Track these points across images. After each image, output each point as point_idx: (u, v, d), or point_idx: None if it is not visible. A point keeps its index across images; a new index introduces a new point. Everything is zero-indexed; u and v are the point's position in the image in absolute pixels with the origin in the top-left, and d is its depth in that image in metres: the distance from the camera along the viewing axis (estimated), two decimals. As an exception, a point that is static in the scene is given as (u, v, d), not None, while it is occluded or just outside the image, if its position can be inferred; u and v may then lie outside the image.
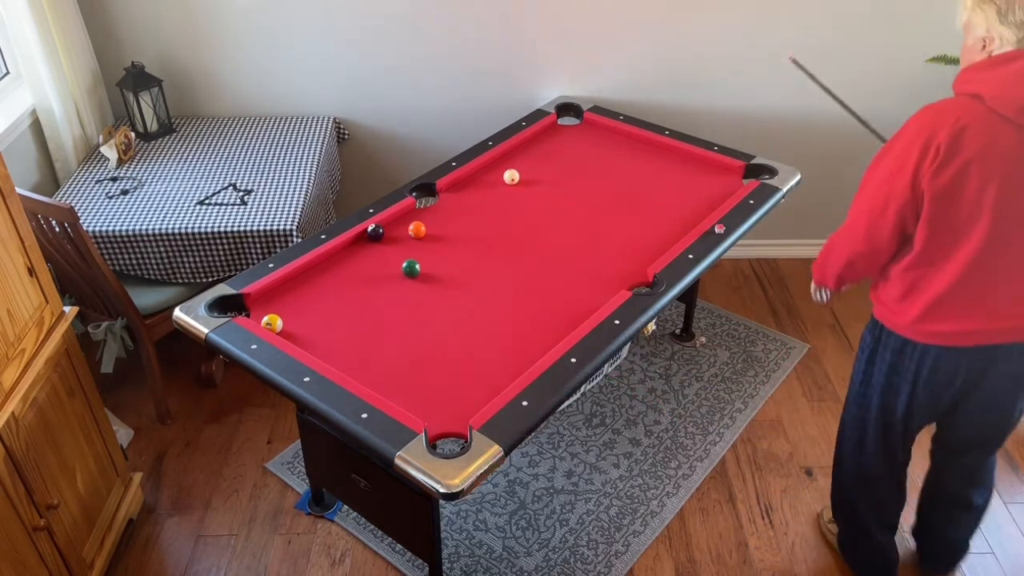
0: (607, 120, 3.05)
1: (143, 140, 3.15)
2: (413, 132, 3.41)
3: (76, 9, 2.97)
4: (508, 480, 2.64)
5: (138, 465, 2.73)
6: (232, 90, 3.29)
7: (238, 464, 2.73)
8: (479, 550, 2.44)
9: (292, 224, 2.67)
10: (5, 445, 1.83)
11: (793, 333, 3.27)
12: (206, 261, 2.71)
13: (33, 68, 2.81)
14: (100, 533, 2.29)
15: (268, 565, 2.41)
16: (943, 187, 1.70)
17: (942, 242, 1.77)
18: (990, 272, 1.77)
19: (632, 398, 2.95)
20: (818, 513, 2.56)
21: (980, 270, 1.77)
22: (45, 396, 2.03)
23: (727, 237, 2.41)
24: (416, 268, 2.29)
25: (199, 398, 2.98)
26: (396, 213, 2.54)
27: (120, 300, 2.56)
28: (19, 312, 1.95)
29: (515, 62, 3.25)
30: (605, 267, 2.33)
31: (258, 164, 3.00)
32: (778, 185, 2.65)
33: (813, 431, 2.84)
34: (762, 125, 3.35)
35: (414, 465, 1.70)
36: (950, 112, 1.69)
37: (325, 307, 2.19)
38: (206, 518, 2.56)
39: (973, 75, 1.71)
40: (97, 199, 2.79)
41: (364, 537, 2.47)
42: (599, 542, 2.46)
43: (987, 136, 1.66)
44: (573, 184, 2.71)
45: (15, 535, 1.86)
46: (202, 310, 2.12)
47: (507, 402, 1.84)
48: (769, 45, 3.16)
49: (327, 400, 1.86)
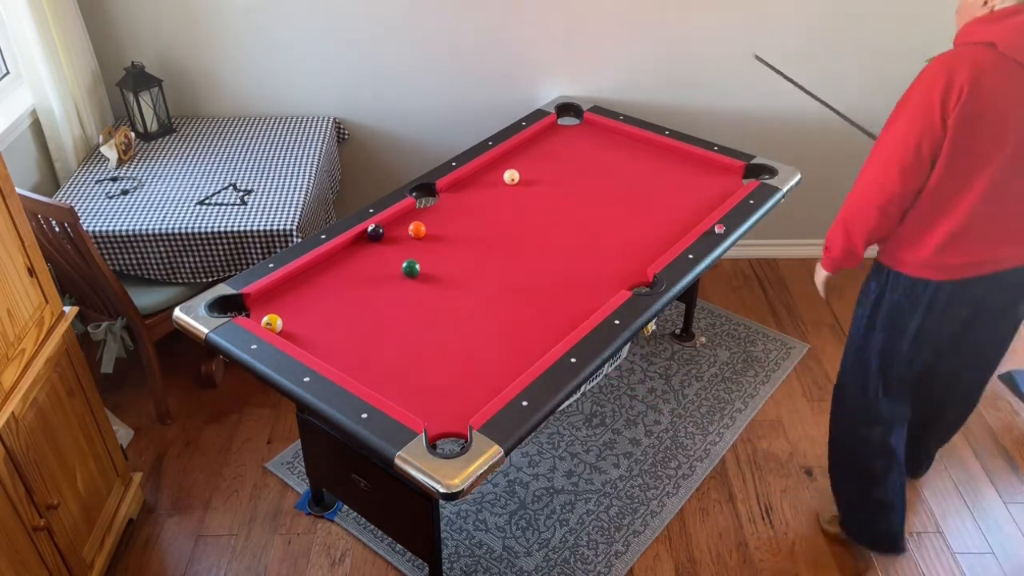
0: (607, 120, 3.05)
1: (143, 140, 3.15)
2: (413, 132, 3.41)
3: (76, 9, 2.97)
4: (508, 480, 2.64)
5: (138, 465, 2.73)
6: (232, 90, 3.29)
7: (238, 464, 2.73)
8: (479, 550, 2.44)
9: (292, 224, 2.67)
10: (5, 445, 1.83)
11: (793, 333, 3.27)
12: (206, 261, 2.71)
13: (33, 68, 2.81)
14: (100, 533, 2.29)
15: (268, 565, 2.41)
16: (965, 124, 1.82)
17: (957, 180, 1.88)
18: (1001, 205, 1.90)
19: (632, 398, 2.95)
20: (817, 513, 2.56)
21: (992, 203, 1.90)
22: (45, 396, 2.03)
23: (727, 237, 2.41)
24: (416, 268, 2.29)
25: (199, 398, 2.98)
26: (396, 213, 2.54)
27: (120, 300, 2.56)
28: (19, 312, 1.95)
29: (515, 62, 3.25)
30: (605, 267, 2.33)
31: (258, 164, 3.00)
32: (778, 185, 2.65)
33: (813, 431, 2.84)
34: (762, 125, 3.35)
35: (414, 465, 1.70)
36: (964, 58, 1.82)
37: (325, 307, 2.19)
38: (206, 518, 2.56)
39: (979, 27, 1.85)
40: (97, 199, 2.79)
41: (364, 537, 2.47)
42: (599, 542, 2.46)
43: (1003, 77, 1.79)
44: (573, 184, 2.71)
45: (15, 535, 1.86)
46: (202, 310, 2.12)
47: (507, 402, 1.84)
48: (769, 45, 3.16)
49: (327, 400, 1.86)
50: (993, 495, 2.62)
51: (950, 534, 2.50)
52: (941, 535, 2.50)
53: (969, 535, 2.50)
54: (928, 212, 1.94)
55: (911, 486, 2.64)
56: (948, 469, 2.71)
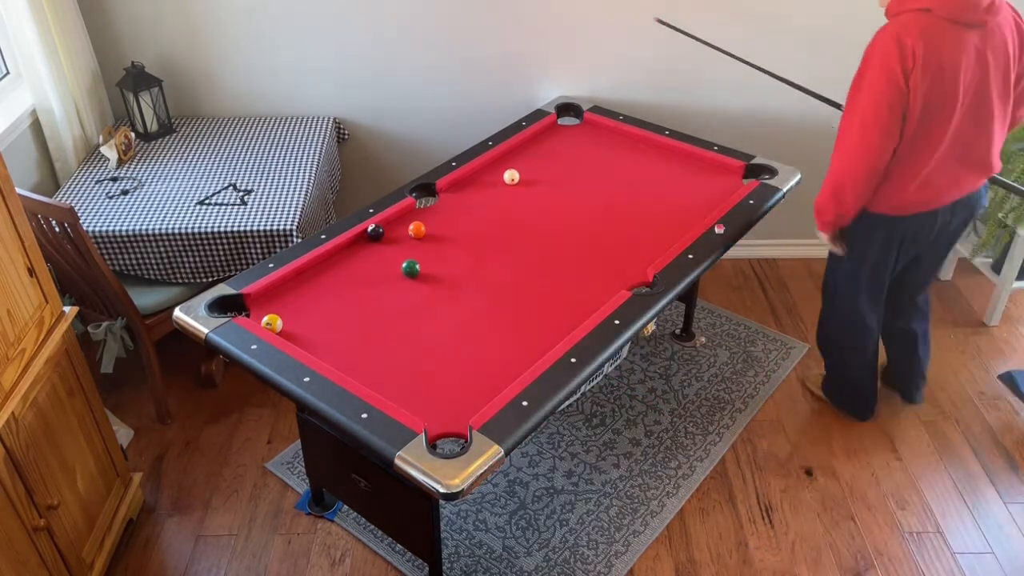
0: (607, 120, 3.05)
1: (143, 140, 3.15)
2: (413, 132, 3.41)
3: (76, 9, 2.97)
4: (508, 480, 2.64)
5: (138, 465, 2.73)
6: (232, 90, 3.29)
7: (238, 464, 2.73)
8: (479, 550, 2.44)
9: (292, 224, 2.67)
10: (5, 445, 1.83)
11: (793, 333, 3.27)
12: (206, 261, 2.71)
13: (33, 68, 2.81)
14: (100, 533, 2.29)
15: (268, 565, 2.41)
16: (924, 81, 2.10)
17: (927, 131, 2.19)
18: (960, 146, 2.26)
19: (632, 398, 2.95)
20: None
21: (955, 146, 2.25)
22: (45, 396, 2.03)
23: (727, 237, 2.41)
24: (416, 268, 2.29)
25: (199, 398, 2.98)
26: (396, 213, 2.54)
27: (120, 300, 2.56)
28: (19, 312, 1.95)
29: (515, 62, 3.25)
30: (605, 267, 2.33)
31: (258, 164, 3.00)
32: (778, 185, 2.65)
33: (813, 431, 2.84)
34: (762, 125, 3.35)
35: (414, 465, 1.70)
36: (909, 24, 2.09)
37: (325, 307, 2.19)
38: (206, 518, 2.56)
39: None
40: (97, 199, 2.79)
41: (364, 537, 2.47)
42: (599, 542, 2.46)
43: (945, 36, 2.09)
44: (573, 184, 2.71)
45: (15, 535, 1.86)
46: (202, 310, 2.12)
47: (507, 402, 1.84)
48: (769, 45, 3.16)
49: (327, 400, 1.86)
50: (993, 495, 2.62)
51: (950, 534, 2.50)
52: (941, 535, 2.50)
53: (969, 535, 2.50)
54: (905, 163, 2.25)
55: (909, 476, 2.64)
56: (948, 469, 2.71)
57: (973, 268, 3.53)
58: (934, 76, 2.10)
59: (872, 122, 2.15)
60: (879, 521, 2.54)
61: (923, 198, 2.33)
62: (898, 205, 2.34)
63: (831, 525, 2.52)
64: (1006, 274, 3.22)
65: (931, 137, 2.21)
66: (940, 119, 2.18)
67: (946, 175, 2.30)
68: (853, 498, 2.61)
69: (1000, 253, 3.28)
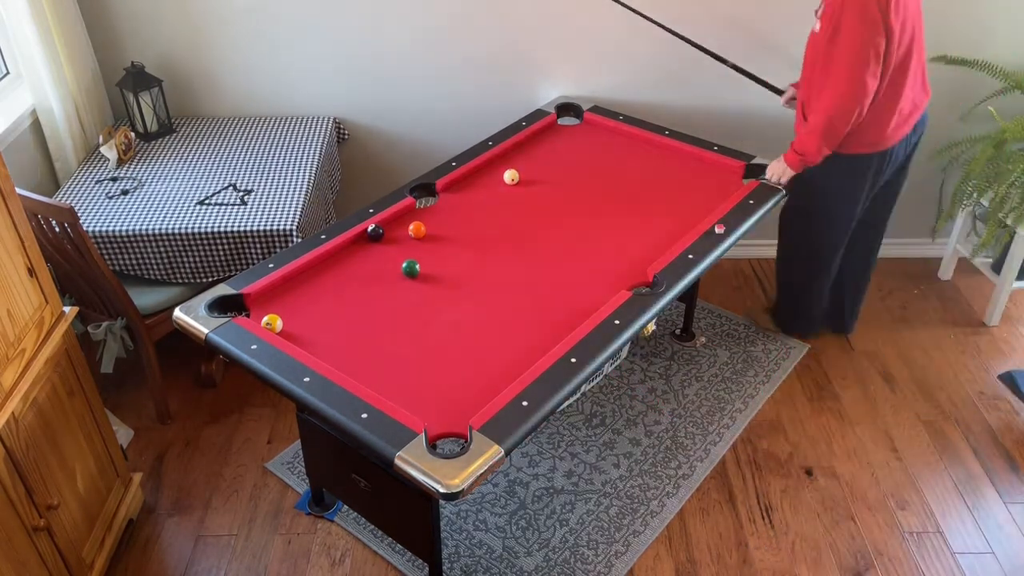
0: (607, 120, 3.05)
1: (143, 140, 3.15)
2: (413, 132, 3.41)
3: (76, 9, 2.97)
4: (508, 480, 2.64)
5: (138, 465, 2.73)
6: (232, 90, 3.29)
7: (238, 464, 2.73)
8: (479, 550, 2.44)
9: (292, 224, 2.67)
10: (5, 445, 1.83)
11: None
12: (206, 261, 2.71)
13: (33, 68, 2.81)
14: (100, 533, 2.29)
15: (268, 565, 2.41)
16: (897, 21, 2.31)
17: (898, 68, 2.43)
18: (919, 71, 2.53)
19: (632, 398, 2.95)
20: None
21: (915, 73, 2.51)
22: (45, 396, 2.03)
23: (727, 237, 2.41)
24: (416, 268, 2.29)
25: (199, 398, 2.98)
26: (396, 213, 2.54)
27: (120, 300, 2.56)
28: (19, 312, 1.95)
29: (515, 62, 3.25)
30: (605, 267, 2.33)
31: (258, 164, 3.00)
32: (778, 185, 2.65)
33: (813, 431, 2.84)
34: (762, 125, 3.35)
35: (414, 465, 1.70)
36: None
37: (325, 307, 2.19)
38: (206, 518, 2.56)
39: None
40: (97, 199, 2.79)
41: (364, 537, 2.47)
42: (599, 542, 2.46)
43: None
44: (573, 184, 2.71)
45: (15, 535, 1.86)
46: (202, 310, 2.12)
47: (507, 402, 1.84)
48: (769, 45, 3.15)
49: (327, 400, 1.86)
50: (993, 495, 2.62)
51: (950, 534, 2.50)
52: (941, 535, 2.50)
53: (969, 535, 2.50)
54: (885, 99, 2.47)
55: (909, 476, 2.64)
56: (948, 469, 2.71)
57: (973, 268, 3.52)
58: (902, 13, 2.32)
59: (862, 64, 2.34)
60: (879, 521, 2.54)
61: (899, 130, 2.57)
62: (877, 141, 2.57)
63: (831, 525, 2.52)
64: (1006, 274, 3.22)
65: (905, 69, 2.45)
66: (909, 49, 2.42)
67: (910, 102, 2.55)
68: (853, 498, 2.61)
69: (1000, 253, 3.28)
